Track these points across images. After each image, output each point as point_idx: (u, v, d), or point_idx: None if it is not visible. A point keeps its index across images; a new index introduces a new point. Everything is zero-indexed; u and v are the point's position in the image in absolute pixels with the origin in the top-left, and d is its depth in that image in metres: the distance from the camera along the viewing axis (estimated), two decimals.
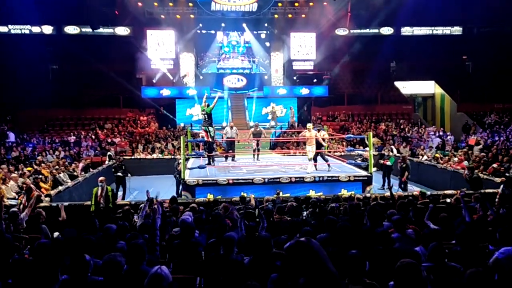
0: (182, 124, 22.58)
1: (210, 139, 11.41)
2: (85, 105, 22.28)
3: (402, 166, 11.84)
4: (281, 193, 9.96)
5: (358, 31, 25.05)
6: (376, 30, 25.11)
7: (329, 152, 14.21)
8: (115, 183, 11.67)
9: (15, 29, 23.14)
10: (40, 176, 11.53)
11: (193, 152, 13.67)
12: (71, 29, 23.52)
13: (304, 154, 14.21)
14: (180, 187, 10.82)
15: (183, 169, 10.21)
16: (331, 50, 24.38)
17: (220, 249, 4.03)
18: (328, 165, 11.34)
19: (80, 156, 16.43)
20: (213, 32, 25.08)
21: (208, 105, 11.33)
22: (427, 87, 25.33)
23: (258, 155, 13.34)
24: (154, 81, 24.31)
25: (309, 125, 11.72)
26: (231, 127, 13.12)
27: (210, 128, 11.41)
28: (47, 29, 23.25)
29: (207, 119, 11.36)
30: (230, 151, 13.32)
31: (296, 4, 24.48)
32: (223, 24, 24.84)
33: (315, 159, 11.32)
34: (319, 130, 11.69)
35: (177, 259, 4.46)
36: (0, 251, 3.78)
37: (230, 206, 6.55)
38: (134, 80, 23.84)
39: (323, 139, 11.53)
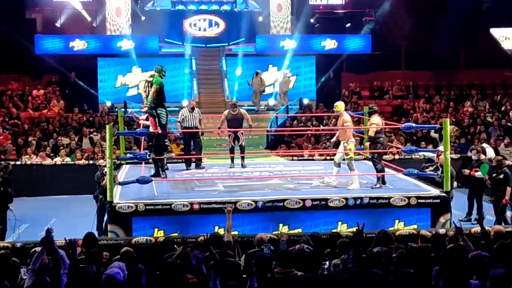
0: (108, 103, 22.70)
1: (159, 131, 11.40)
2: None
3: (499, 178, 11.93)
4: (285, 228, 9.86)
5: None
6: None
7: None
8: None
9: None
10: None
11: (128, 154, 13.67)
12: None
13: (330, 157, 14.24)
14: (105, 216, 10.80)
15: (110, 184, 10.16)
16: None
17: None
18: (382, 180, 11.35)
19: None
20: None
21: (161, 74, 11.33)
22: None
23: (243, 159, 13.42)
24: (57, 24, 24.29)
25: (339, 105, 11.73)
26: (192, 109, 13.16)
27: (161, 112, 11.40)
28: None
29: (155, 96, 11.34)
30: (193, 152, 13.34)
31: None
32: None
33: (345, 166, 11.34)
34: (371, 114, 11.68)
35: None
36: None
37: (194, 251, 6.54)
38: (22, 23, 23.79)
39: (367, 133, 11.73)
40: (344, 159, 11.46)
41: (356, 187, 11.09)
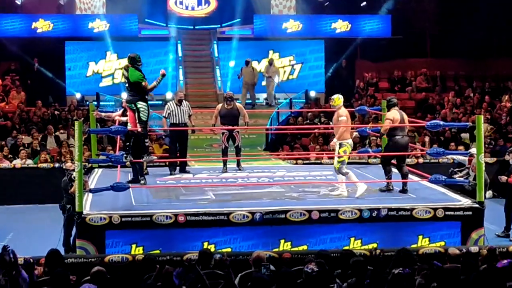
0: (77, 96, 22.66)
1: (139, 128, 11.38)
2: None
3: None
4: (288, 245, 9.85)
5: None
6: None
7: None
8: None
9: None
10: None
11: (101, 156, 13.56)
12: None
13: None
14: (74, 230, 10.80)
15: (80, 192, 10.14)
16: None
17: None
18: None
19: None
20: None
21: (136, 65, 11.27)
22: None
23: (239, 162, 13.39)
24: (18, 1, 24.29)
25: (337, 98, 11.63)
26: (179, 102, 13.11)
27: (142, 106, 11.36)
28: None
29: (132, 88, 11.32)
30: (178, 153, 13.33)
31: None
32: None
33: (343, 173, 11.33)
34: (389, 108, 11.66)
35: None
36: None
37: (176, 271, 6.52)
38: None
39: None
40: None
41: (362, 191, 11.08)
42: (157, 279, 6.86)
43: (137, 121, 11.38)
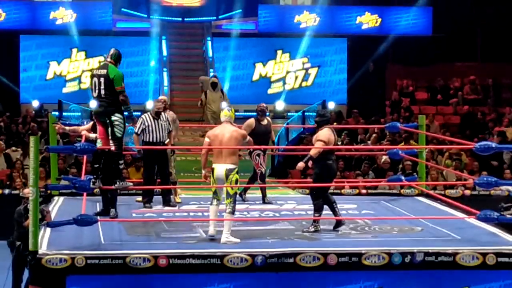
0: (34, 104, 22.82)
1: (114, 147, 11.38)
2: None
3: None
4: None
5: None
6: None
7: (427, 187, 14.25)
8: None
9: None
10: None
11: (63, 181, 13.59)
12: None
13: (367, 190, 14.40)
14: (25, 274, 10.75)
15: (35, 226, 10.14)
16: None
17: None
18: None
19: None
20: None
21: (118, 63, 11.29)
22: None
23: (264, 192, 13.69)
24: None
25: (227, 112, 11.18)
26: (156, 115, 13.02)
27: (117, 119, 11.34)
28: None
29: (107, 95, 11.31)
30: (159, 179, 13.33)
31: None
32: None
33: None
34: (321, 126, 11.73)
35: None
36: None
37: None
38: None
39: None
40: None
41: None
42: None
43: (109, 137, 11.36)
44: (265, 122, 13.38)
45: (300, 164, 11.40)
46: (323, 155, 11.39)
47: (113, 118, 11.27)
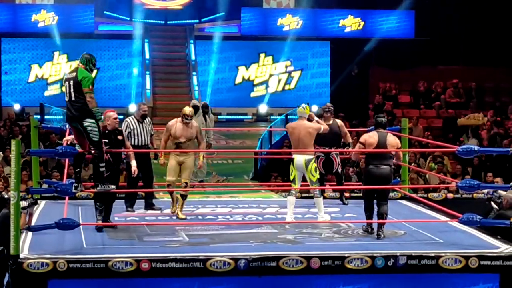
0: (16, 107, 22.74)
1: (95, 151, 11.34)
2: None
3: None
4: None
5: None
6: None
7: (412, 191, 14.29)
8: None
9: None
10: None
11: (45, 185, 13.59)
12: None
13: (350, 194, 14.49)
14: (6, 278, 10.76)
15: (16, 230, 10.11)
16: None
17: None
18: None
19: None
20: None
21: (88, 67, 11.22)
22: None
23: (342, 194, 13.98)
24: None
25: (302, 109, 12.03)
26: (141, 118, 13.01)
27: (89, 125, 11.22)
28: None
29: (78, 98, 11.17)
30: (141, 181, 13.39)
31: None
32: None
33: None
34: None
35: None
36: None
37: None
38: None
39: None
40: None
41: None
42: None
43: (88, 143, 11.28)
44: (331, 122, 13.38)
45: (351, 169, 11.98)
46: (366, 160, 11.57)
47: (85, 124, 11.05)
